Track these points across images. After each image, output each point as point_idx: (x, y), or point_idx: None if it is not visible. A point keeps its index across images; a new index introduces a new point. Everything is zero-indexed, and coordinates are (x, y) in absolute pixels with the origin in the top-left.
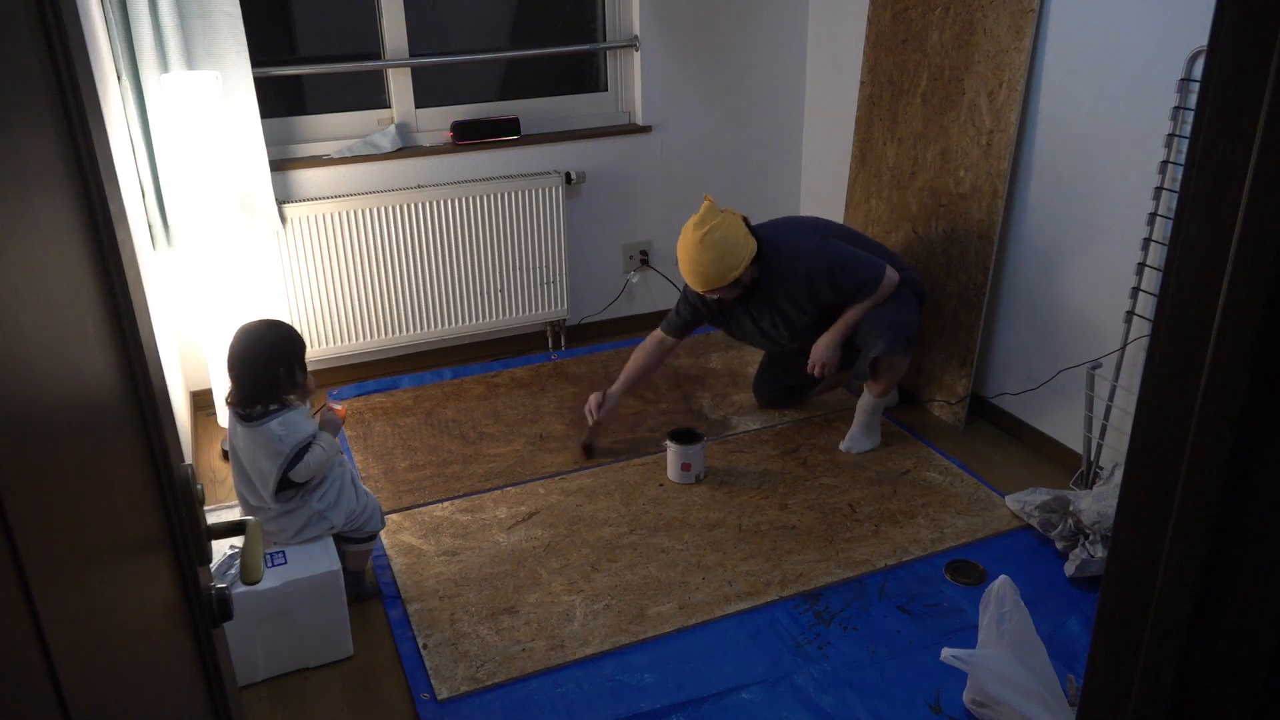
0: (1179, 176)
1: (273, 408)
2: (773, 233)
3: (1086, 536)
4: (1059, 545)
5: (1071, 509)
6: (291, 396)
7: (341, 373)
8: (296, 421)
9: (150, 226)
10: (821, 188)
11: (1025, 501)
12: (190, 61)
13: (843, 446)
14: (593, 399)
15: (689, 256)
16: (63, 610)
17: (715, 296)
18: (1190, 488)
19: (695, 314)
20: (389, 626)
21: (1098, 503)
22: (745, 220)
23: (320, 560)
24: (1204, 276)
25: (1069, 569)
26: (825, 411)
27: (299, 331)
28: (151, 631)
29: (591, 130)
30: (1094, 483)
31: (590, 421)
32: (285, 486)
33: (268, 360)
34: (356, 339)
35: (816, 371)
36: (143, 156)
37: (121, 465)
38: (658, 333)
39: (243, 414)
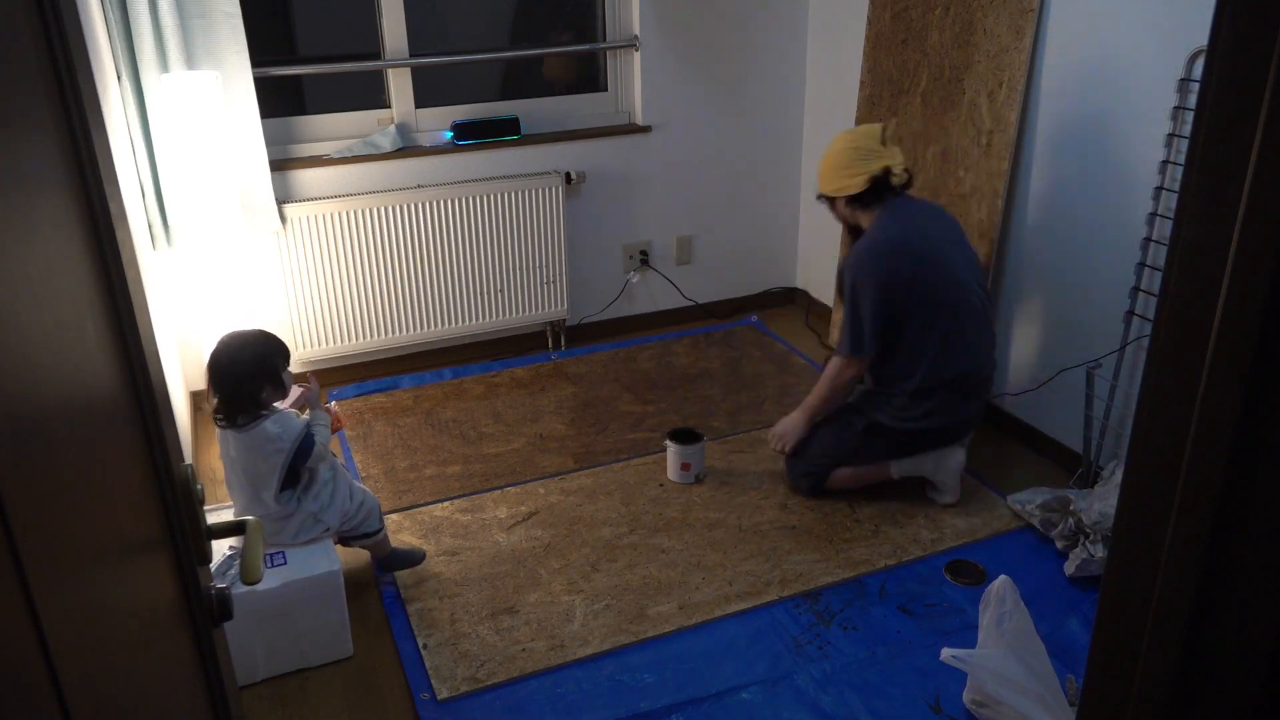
0: (1179, 176)
1: (262, 413)
2: (896, 224)
3: (1087, 536)
4: (1059, 544)
5: (1072, 508)
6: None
7: (341, 373)
8: (287, 417)
9: (150, 226)
10: None
11: (1026, 501)
12: (190, 61)
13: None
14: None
15: (830, 145)
16: (63, 610)
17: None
18: (1190, 488)
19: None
20: (389, 626)
21: (1098, 502)
22: (888, 171)
23: (320, 560)
24: (1204, 276)
25: (1069, 568)
26: None
27: (280, 342)
28: (151, 631)
29: (591, 130)
30: (1094, 482)
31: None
32: (288, 485)
33: (244, 377)
34: (356, 339)
35: (775, 446)
36: (143, 156)
37: (121, 465)
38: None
39: (229, 423)
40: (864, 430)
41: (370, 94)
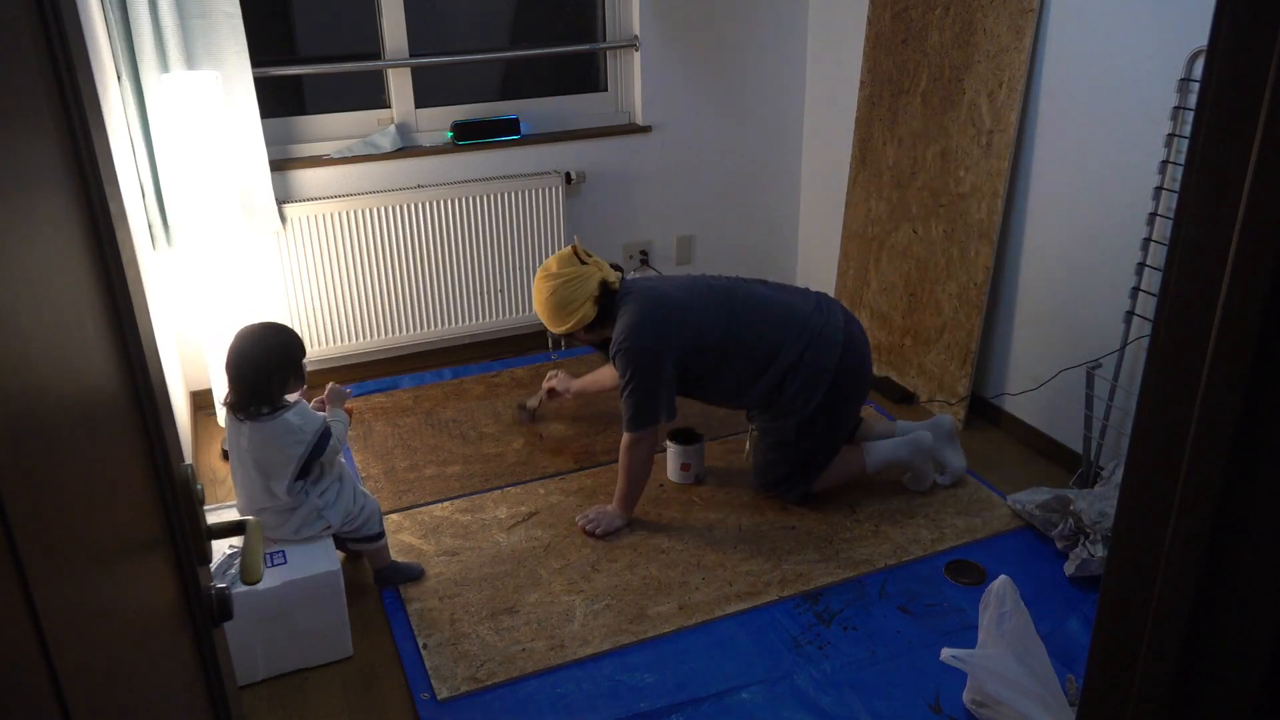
0: (1179, 176)
1: (282, 405)
2: (636, 304)
3: (1087, 536)
4: (1059, 544)
5: (1072, 508)
6: (290, 397)
7: (341, 373)
8: (308, 410)
9: (150, 226)
10: (821, 188)
11: (1026, 501)
12: (190, 61)
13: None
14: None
15: (535, 291)
16: (63, 610)
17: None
18: (1190, 488)
19: None
20: (389, 626)
21: (1098, 502)
22: (604, 285)
23: (320, 560)
24: (1204, 276)
25: (1069, 568)
26: None
27: (298, 334)
28: (151, 631)
29: (591, 130)
30: (1094, 482)
31: (544, 387)
32: (299, 477)
33: (269, 367)
34: (356, 339)
35: (584, 527)
36: (143, 156)
37: (121, 465)
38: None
39: (246, 414)
40: (796, 432)
41: (370, 94)
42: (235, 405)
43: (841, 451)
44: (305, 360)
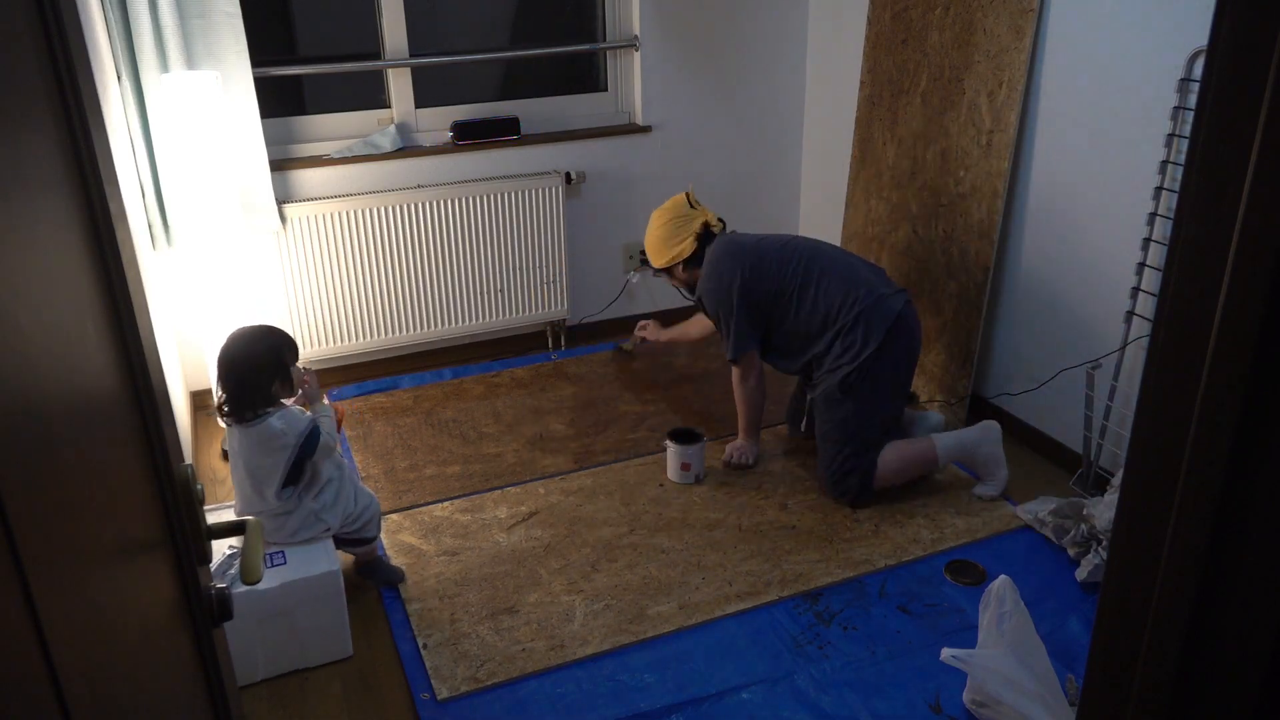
0: (1179, 176)
1: (268, 409)
2: (717, 246)
3: (1099, 542)
4: (1071, 551)
5: (1085, 513)
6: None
7: (341, 373)
8: (293, 413)
9: (150, 226)
10: (821, 188)
11: (1036, 510)
12: (190, 61)
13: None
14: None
15: (649, 225)
16: (63, 610)
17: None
18: (1190, 488)
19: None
20: (389, 626)
21: (1110, 510)
22: (707, 226)
23: (320, 560)
24: (1204, 276)
25: (1081, 574)
26: None
27: (290, 338)
28: (151, 631)
29: (591, 130)
30: (1094, 482)
31: (637, 333)
32: (290, 483)
33: (255, 371)
34: (356, 339)
35: (735, 461)
36: (143, 156)
37: (121, 465)
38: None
39: (236, 418)
40: (840, 389)
41: (370, 94)
42: (221, 409)
43: (911, 441)
44: (298, 365)
